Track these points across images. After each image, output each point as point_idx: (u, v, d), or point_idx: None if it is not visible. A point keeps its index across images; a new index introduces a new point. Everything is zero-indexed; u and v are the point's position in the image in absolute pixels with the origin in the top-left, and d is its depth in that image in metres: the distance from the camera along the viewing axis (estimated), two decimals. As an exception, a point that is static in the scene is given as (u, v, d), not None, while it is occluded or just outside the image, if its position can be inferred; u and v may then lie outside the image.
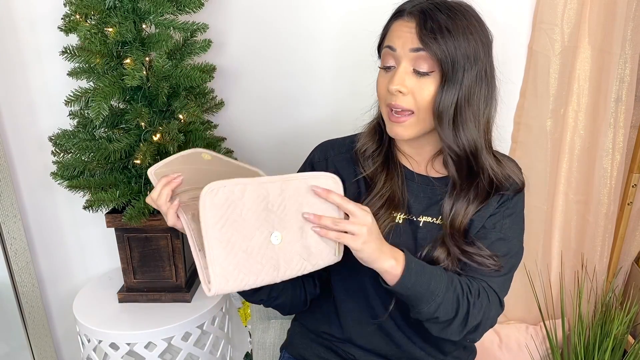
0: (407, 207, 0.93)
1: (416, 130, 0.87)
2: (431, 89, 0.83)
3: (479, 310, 0.86)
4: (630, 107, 1.36)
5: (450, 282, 0.84)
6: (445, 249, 0.88)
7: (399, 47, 0.83)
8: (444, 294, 0.82)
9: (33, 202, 1.50)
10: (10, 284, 1.44)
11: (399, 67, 0.84)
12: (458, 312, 0.84)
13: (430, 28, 0.80)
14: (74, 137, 1.20)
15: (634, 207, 1.47)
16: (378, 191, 0.92)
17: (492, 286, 0.89)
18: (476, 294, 0.86)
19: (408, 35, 0.82)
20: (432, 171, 0.95)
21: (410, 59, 0.83)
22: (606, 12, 1.29)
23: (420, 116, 0.85)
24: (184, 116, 1.20)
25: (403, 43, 0.83)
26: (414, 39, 0.81)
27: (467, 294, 0.85)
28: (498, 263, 0.88)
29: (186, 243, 1.34)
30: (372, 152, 0.96)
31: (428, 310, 0.82)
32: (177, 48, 1.23)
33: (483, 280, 0.88)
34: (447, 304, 0.83)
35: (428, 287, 0.81)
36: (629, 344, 1.41)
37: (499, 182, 0.91)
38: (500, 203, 0.92)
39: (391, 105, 0.85)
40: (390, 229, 0.91)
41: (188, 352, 1.32)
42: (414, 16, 0.83)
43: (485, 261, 0.88)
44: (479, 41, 0.83)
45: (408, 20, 0.83)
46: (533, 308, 1.52)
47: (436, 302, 0.82)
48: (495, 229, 0.91)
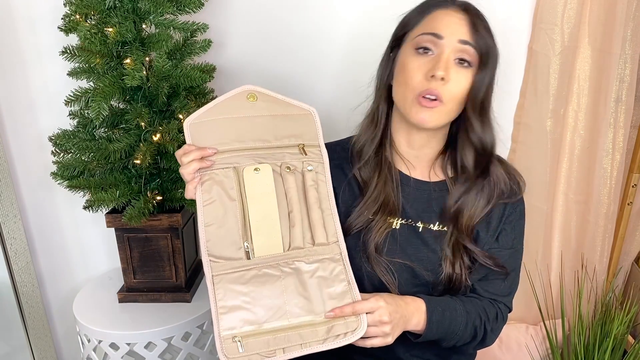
0: (402, 211, 0.92)
1: (441, 120, 0.87)
2: (467, 82, 0.85)
3: (496, 333, 0.92)
4: (630, 107, 1.36)
5: (469, 318, 0.88)
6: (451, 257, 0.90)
7: (447, 35, 0.84)
8: (462, 331, 0.87)
9: (33, 202, 1.50)
10: (10, 284, 1.43)
11: (443, 54, 0.83)
12: (475, 338, 0.90)
13: (478, 24, 0.85)
14: (74, 137, 1.20)
15: (634, 207, 1.47)
16: (371, 194, 0.91)
17: (506, 303, 0.95)
18: (494, 318, 0.92)
19: (457, 26, 0.84)
20: (433, 175, 0.94)
21: (456, 50, 0.84)
22: (606, 12, 1.29)
23: (449, 106, 0.85)
24: (184, 116, 1.20)
25: (452, 32, 0.83)
26: (465, 31, 0.83)
27: (485, 323, 0.90)
28: (505, 269, 0.93)
29: (186, 243, 1.34)
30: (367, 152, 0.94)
31: (447, 345, 0.89)
32: (177, 48, 1.23)
33: (497, 298, 0.93)
34: (465, 336, 0.89)
35: (447, 331, 0.86)
36: (629, 344, 1.41)
37: (504, 186, 0.93)
38: (506, 213, 0.94)
39: (427, 92, 0.84)
40: (387, 235, 0.90)
41: (188, 352, 1.32)
42: (463, 10, 0.85)
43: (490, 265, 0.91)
44: (497, 55, 0.88)
45: (456, 12, 0.85)
46: (533, 308, 1.52)
47: (454, 340, 0.88)
48: (502, 237, 0.94)
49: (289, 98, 0.90)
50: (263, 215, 0.83)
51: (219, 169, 0.83)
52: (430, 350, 0.96)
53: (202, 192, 0.83)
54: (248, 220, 0.83)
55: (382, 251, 0.89)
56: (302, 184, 0.86)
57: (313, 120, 0.90)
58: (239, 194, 0.83)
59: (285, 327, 0.78)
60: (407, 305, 0.84)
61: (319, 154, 0.89)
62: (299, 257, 0.83)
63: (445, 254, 0.89)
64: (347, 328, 0.79)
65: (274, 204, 0.84)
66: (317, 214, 0.85)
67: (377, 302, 0.79)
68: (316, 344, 0.77)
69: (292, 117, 0.89)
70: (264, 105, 0.87)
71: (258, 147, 0.86)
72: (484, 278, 0.92)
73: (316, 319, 0.79)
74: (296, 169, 0.87)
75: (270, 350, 0.76)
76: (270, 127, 0.86)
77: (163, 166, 1.25)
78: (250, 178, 0.84)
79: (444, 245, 0.90)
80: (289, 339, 0.77)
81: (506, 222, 0.93)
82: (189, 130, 0.84)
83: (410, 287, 0.90)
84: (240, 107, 0.86)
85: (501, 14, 1.34)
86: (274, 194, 0.84)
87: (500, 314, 0.93)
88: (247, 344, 0.75)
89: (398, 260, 0.89)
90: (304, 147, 0.88)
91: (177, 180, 1.27)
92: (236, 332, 0.76)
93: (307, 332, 0.78)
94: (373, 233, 0.89)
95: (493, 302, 0.93)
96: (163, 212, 1.27)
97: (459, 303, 0.88)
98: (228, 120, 0.85)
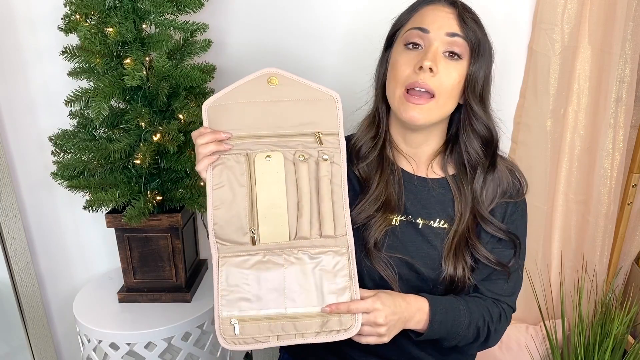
0: (404, 209, 0.93)
1: (432, 117, 0.86)
2: (457, 74, 0.85)
3: (499, 333, 0.93)
4: (630, 107, 1.36)
5: (472, 318, 0.88)
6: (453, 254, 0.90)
7: (433, 30, 0.84)
8: (465, 331, 0.87)
9: (33, 202, 1.50)
10: (10, 284, 1.43)
11: (432, 47, 0.84)
12: (478, 338, 0.90)
13: (466, 16, 0.85)
14: (74, 137, 1.20)
15: (634, 207, 1.47)
16: (372, 192, 0.92)
17: (509, 303, 0.94)
18: (497, 318, 0.91)
19: (444, 20, 0.85)
20: (432, 173, 0.95)
21: (444, 42, 0.84)
22: (606, 12, 1.29)
23: (441, 101, 0.85)
24: (184, 116, 1.20)
25: (439, 26, 0.84)
26: (452, 24, 0.84)
27: (488, 323, 0.90)
28: (507, 269, 0.92)
29: (186, 243, 1.34)
30: (367, 152, 0.95)
31: (448, 345, 0.89)
32: (177, 48, 1.23)
33: (500, 298, 0.93)
34: (468, 336, 0.88)
35: (450, 331, 0.86)
36: (629, 344, 1.41)
37: (507, 184, 0.93)
38: (508, 212, 0.93)
39: (415, 84, 0.84)
40: (386, 231, 0.91)
41: (188, 352, 1.32)
42: (450, 4, 0.86)
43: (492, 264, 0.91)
44: (491, 47, 0.89)
45: (444, 6, 0.86)
46: (533, 308, 1.52)
47: (456, 340, 0.88)
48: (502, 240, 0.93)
49: (311, 82, 0.88)
50: (271, 203, 0.84)
51: (231, 154, 0.85)
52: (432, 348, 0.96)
53: (213, 176, 0.84)
54: (256, 207, 0.84)
55: (382, 247, 0.90)
56: (315, 174, 0.85)
57: (335, 106, 0.88)
58: (248, 181, 0.84)
59: (281, 315, 0.80)
60: (409, 306, 0.84)
61: (337, 143, 0.87)
62: (304, 247, 0.84)
63: (446, 252, 0.89)
64: (341, 325, 0.80)
65: (282, 193, 0.84)
66: (328, 206, 0.85)
67: (373, 303, 0.80)
68: (310, 335, 0.80)
69: (312, 102, 0.87)
70: (284, 89, 0.86)
71: (273, 135, 0.86)
72: (487, 278, 0.92)
73: (312, 311, 0.81)
74: (310, 157, 0.86)
75: (265, 336, 0.80)
76: (289, 114, 0.86)
77: (163, 166, 1.25)
78: (261, 165, 0.85)
79: (445, 244, 0.90)
80: (284, 327, 0.80)
81: (509, 221, 0.93)
82: (207, 112, 0.85)
83: (410, 283, 0.90)
84: (259, 91, 0.85)
85: (501, 14, 1.34)
86: (284, 182, 0.85)
87: (504, 314, 0.93)
88: (243, 327, 0.80)
89: (398, 256, 0.90)
90: (321, 136, 0.87)
91: (177, 180, 1.27)
92: (235, 314, 0.80)
93: (302, 324, 0.80)
94: (373, 229, 0.90)
95: (496, 302, 0.93)
96: (163, 212, 1.27)
97: (462, 303, 0.88)
98: (246, 105, 0.85)
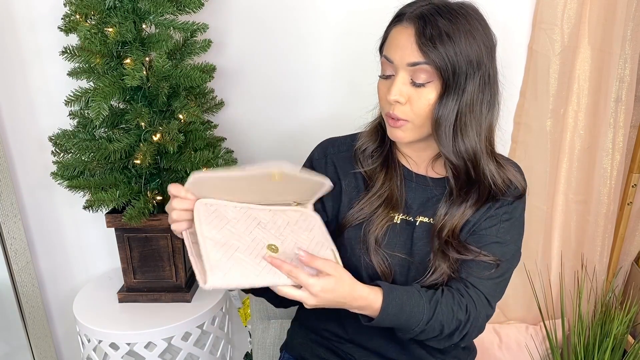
0: (405, 207, 0.93)
1: (415, 135, 0.87)
2: (430, 97, 0.82)
3: (468, 326, 0.86)
4: (630, 107, 1.36)
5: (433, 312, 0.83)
6: (440, 252, 0.88)
7: (396, 59, 0.82)
8: (425, 324, 0.83)
9: (33, 202, 1.50)
10: (10, 284, 1.44)
11: (397, 77, 0.83)
12: (443, 332, 0.85)
13: (430, 35, 0.78)
14: (74, 137, 1.20)
15: (634, 207, 1.47)
16: (377, 191, 0.93)
17: (482, 291, 0.88)
18: (464, 311, 0.86)
19: (407, 45, 0.80)
20: (432, 172, 0.95)
21: (408, 72, 0.82)
22: (606, 12, 1.29)
23: (417, 124, 0.85)
24: (184, 116, 1.20)
25: (401, 56, 0.81)
26: (413, 50, 0.80)
27: (456, 316, 0.85)
28: (495, 258, 0.88)
29: (186, 243, 1.34)
30: (372, 151, 0.96)
31: (403, 337, 0.87)
32: (177, 48, 1.24)
33: (474, 286, 0.88)
34: (429, 331, 0.84)
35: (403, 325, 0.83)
36: (629, 344, 1.41)
37: (499, 189, 0.89)
38: (497, 207, 0.90)
39: (390, 114, 0.85)
40: (387, 228, 0.91)
41: (188, 352, 1.32)
42: (412, 22, 0.81)
43: (481, 259, 0.88)
44: (482, 45, 0.81)
45: (407, 26, 0.81)
46: (533, 308, 1.52)
47: (412, 334, 0.85)
48: (491, 232, 0.90)
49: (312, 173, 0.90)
50: None
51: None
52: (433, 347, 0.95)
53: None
54: None
55: (382, 244, 0.91)
56: None
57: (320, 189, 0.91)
58: None
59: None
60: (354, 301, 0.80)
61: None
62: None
63: (434, 247, 0.89)
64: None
65: None
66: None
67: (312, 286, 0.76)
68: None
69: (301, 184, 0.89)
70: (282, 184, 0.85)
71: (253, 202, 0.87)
72: (472, 273, 0.89)
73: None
74: None
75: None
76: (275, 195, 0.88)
77: (163, 166, 1.25)
78: None
79: (434, 238, 0.89)
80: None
81: (497, 210, 0.91)
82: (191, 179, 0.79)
83: (404, 279, 0.91)
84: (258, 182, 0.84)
85: (501, 14, 1.34)
86: None
87: (473, 305, 0.88)
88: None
89: (397, 254, 0.91)
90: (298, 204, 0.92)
91: (177, 180, 1.27)
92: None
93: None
94: (374, 226, 0.90)
95: (467, 291, 0.88)
96: (163, 212, 1.27)
97: (426, 299, 0.84)
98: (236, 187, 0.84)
